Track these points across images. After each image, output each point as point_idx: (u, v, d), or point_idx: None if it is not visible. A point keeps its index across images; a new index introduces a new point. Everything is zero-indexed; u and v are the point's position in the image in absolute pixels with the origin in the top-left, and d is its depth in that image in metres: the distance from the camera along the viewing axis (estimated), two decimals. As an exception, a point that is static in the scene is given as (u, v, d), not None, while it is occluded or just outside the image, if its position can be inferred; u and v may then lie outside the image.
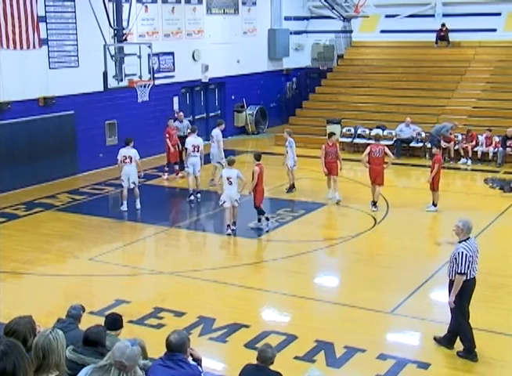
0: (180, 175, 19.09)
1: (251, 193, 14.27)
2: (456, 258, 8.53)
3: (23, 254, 13.04)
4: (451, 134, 20.76)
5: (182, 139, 19.05)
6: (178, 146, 19.08)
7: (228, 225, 14.16)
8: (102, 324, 6.47)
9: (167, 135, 18.88)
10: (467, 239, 8.63)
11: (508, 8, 25.43)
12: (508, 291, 11.20)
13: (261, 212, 14.45)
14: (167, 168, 19.26)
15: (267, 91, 27.03)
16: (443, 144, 19.78)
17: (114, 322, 6.69)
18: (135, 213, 15.86)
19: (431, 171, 15.42)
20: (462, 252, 8.49)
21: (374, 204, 15.71)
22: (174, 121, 19.68)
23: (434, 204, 15.57)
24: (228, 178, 13.86)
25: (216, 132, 18.21)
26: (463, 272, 8.50)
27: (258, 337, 9.36)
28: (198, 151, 16.80)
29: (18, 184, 17.70)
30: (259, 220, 14.50)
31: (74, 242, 13.88)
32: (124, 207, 15.85)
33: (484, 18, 25.15)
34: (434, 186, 15.46)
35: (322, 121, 23.62)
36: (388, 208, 15.97)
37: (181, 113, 20.51)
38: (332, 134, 17.04)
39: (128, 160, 15.66)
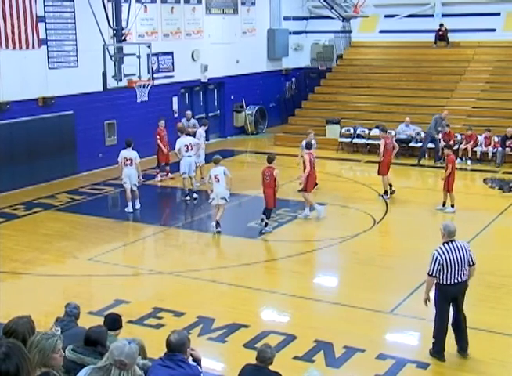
0: (170, 175, 19.03)
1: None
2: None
3: (22, 255, 13.03)
4: (449, 132, 20.69)
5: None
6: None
7: (217, 223, 14.21)
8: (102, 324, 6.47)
9: (157, 137, 18.86)
10: (449, 242, 8.56)
11: (507, 8, 25.42)
12: (508, 291, 11.20)
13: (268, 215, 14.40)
14: (158, 170, 19.16)
15: (266, 91, 27.02)
16: (442, 143, 19.77)
17: (114, 322, 6.68)
18: (134, 213, 15.84)
19: (445, 171, 15.44)
20: (434, 254, 8.52)
21: (386, 192, 16.63)
22: (182, 120, 19.85)
23: (452, 205, 15.49)
24: (215, 176, 14.10)
25: (199, 132, 18.41)
26: (429, 273, 8.54)
27: (258, 337, 9.35)
28: (191, 150, 16.76)
29: (17, 184, 17.69)
30: (263, 220, 14.43)
31: (73, 242, 13.87)
32: (130, 209, 15.80)
33: (483, 18, 25.14)
34: (448, 188, 15.42)
35: (322, 121, 23.63)
36: (387, 208, 15.98)
37: (188, 112, 20.91)
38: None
39: (128, 162, 15.62)
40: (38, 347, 4.66)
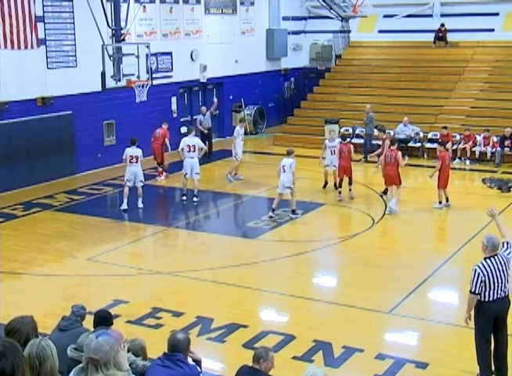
0: (165, 174, 19.03)
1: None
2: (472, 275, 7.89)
3: (21, 255, 13.02)
4: (447, 133, 20.68)
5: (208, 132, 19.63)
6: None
7: (273, 210, 15.04)
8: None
9: (163, 138, 18.88)
10: (491, 257, 7.87)
11: (506, 8, 25.42)
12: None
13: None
14: (161, 169, 19.16)
15: (265, 91, 27.01)
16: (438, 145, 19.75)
17: (104, 320, 6.64)
18: (133, 213, 15.83)
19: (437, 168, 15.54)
20: (475, 270, 7.84)
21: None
22: (198, 115, 20.46)
23: (440, 202, 15.61)
24: (283, 166, 15.02)
25: (236, 129, 18.95)
26: (472, 290, 7.87)
27: (257, 337, 9.35)
28: (194, 151, 16.68)
29: (16, 184, 17.68)
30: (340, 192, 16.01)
31: (72, 242, 13.87)
32: (125, 206, 15.81)
33: (482, 18, 25.14)
34: (439, 184, 15.49)
35: (320, 121, 23.62)
36: (386, 208, 15.97)
37: (203, 107, 21.55)
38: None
39: (134, 160, 15.68)
40: (53, 350, 4.51)
